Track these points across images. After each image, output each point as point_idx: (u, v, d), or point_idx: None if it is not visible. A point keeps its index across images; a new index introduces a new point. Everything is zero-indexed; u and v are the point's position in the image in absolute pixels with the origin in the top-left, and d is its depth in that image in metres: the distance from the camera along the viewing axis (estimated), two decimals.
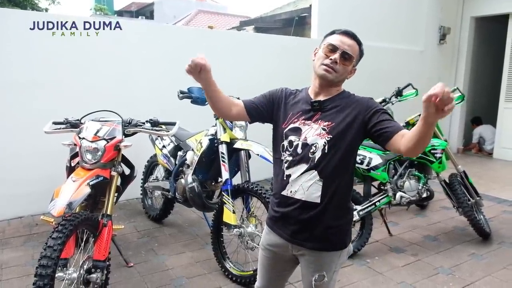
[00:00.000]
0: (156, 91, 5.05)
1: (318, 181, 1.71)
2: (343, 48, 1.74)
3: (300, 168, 1.73)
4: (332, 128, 1.71)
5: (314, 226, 1.75)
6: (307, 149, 1.72)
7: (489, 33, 8.63)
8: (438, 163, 3.90)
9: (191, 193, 3.43)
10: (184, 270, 3.37)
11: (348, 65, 1.76)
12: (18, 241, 3.83)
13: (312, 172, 1.71)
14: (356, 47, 1.78)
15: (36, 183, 4.29)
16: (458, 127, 8.68)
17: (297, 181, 1.74)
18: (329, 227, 1.76)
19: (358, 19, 6.68)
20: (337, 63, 1.73)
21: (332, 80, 1.75)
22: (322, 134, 1.71)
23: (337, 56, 1.73)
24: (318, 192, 1.72)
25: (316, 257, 1.79)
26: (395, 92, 4.95)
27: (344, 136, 1.71)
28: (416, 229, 4.33)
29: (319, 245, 1.77)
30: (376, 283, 3.22)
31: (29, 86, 4.36)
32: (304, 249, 1.80)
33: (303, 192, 1.73)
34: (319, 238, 1.76)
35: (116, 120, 3.05)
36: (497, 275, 3.37)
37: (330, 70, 1.73)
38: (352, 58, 1.76)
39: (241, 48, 5.76)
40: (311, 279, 1.80)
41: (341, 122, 1.72)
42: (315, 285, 1.80)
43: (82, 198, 2.54)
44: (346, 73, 1.78)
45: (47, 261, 2.21)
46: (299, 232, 1.78)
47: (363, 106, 1.73)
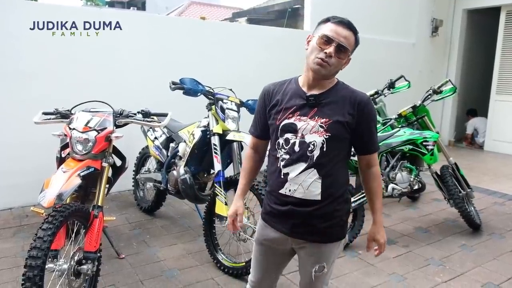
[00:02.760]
0: (148, 82, 5.00)
1: (317, 179, 1.69)
2: (339, 41, 1.65)
3: (298, 166, 1.70)
4: (330, 126, 1.66)
5: (315, 220, 1.74)
6: (305, 147, 1.68)
7: (481, 25, 8.67)
8: (430, 155, 3.92)
9: (183, 184, 3.42)
10: (176, 261, 3.36)
11: (343, 58, 1.69)
12: (8, 233, 3.80)
13: (311, 170, 1.68)
14: (352, 37, 1.70)
15: (26, 174, 4.25)
16: (450, 119, 8.73)
17: (295, 179, 1.70)
18: (329, 220, 1.75)
19: (350, 11, 6.53)
20: (332, 57, 1.65)
21: (326, 74, 1.69)
22: (320, 132, 1.67)
23: (332, 50, 1.64)
24: (318, 190, 1.69)
25: (317, 249, 1.79)
26: (388, 84, 4.97)
27: (341, 133, 1.69)
28: (407, 221, 4.36)
29: (320, 237, 1.77)
30: (368, 274, 3.23)
31: (18, 76, 4.30)
32: (305, 242, 1.79)
33: (303, 190, 1.70)
34: (320, 231, 1.75)
35: (107, 111, 3.01)
36: (487, 265, 3.40)
37: (324, 64, 1.65)
38: (348, 50, 1.68)
39: (233, 40, 5.72)
40: (311, 270, 1.80)
41: (339, 118, 1.68)
42: (315, 276, 1.81)
43: (73, 189, 2.52)
44: (340, 65, 1.71)
45: (37, 252, 2.19)
46: (300, 226, 1.76)
47: (359, 106, 1.70)
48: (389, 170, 3.91)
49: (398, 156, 3.99)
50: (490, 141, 8.22)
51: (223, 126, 3.33)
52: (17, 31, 4.25)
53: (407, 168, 4.01)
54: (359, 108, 1.69)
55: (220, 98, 3.41)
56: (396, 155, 3.99)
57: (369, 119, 1.74)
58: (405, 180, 3.93)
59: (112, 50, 4.81)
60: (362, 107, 1.70)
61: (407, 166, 4.01)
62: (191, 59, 5.27)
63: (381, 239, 1.84)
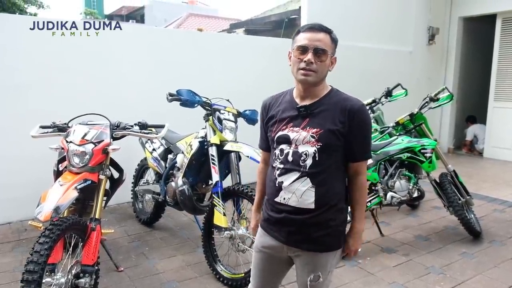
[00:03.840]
0: (145, 93, 5.02)
1: (311, 188, 1.70)
2: (314, 45, 1.67)
3: (291, 175, 1.72)
4: (321, 135, 1.68)
5: (309, 229, 1.74)
6: (298, 157, 1.71)
7: (477, 33, 8.70)
8: (428, 162, 3.92)
9: (182, 196, 3.41)
10: (175, 273, 3.34)
11: (325, 60, 1.69)
12: (6, 247, 3.78)
13: (304, 179, 1.70)
14: (326, 38, 1.70)
15: (24, 188, 4.23)
16: (449, 127, 8.72)
17: (289, 188, 1.73)
18: (324, 229, 1.75)
19: (347, 21, 6.71)
20: (313, 63, 1.67)
21: (314, 81, 1.71)
22: (311, 142, 1.69)
23: (310, 56, 1.67)
24: (311, 198, 1.71)
25: (311, 258, 1.79)
26: (385, 93, 4.98)
27: (333, 142, 1.70)
28: (407, 229, 4.34)
29: (315, 246, 1.77)
30: (368, 283, 3.21)
31: (15, 88, 4.31)
32: (300, 250, 1.79)
33: (296, 199, 1.72)
34: (314, 240, 1.75)
35: (104, 123, 3.02)
36: (488, 273, 3.38)
37: (308, 73, 1.68)
38: (326, 51, 1.69)
39: (231, 50, 5.74)
40: (307, 279, 1.80)
41: (330, 127, 1.69)
42: (311, 286, 1.80)
43: (69, 202, 2.51)
44: (326, 68, 1.72)
45: (33, 266, 2.18)
46: (295, 234, 1.77)
47: (350, 113, 1.70)
48: (387, 178, 3.91)
49: (396, 164, 3.99)
50: (489, 148, 8.20)
51: (221, 137, 3.33)
52: (11, 43, 4.28)
53: (405, 176, 4.00)
54: (350, 115, 1.70)
55: (217, 108, 3.42)
56: (395, 163, 3.98)
57: (360, 127, 1.73)
58: (404, 188, 3.92)
59: (110, 62, 4.83)
60: (352, 114, 1.70)
61: (406, 174, 4.01)
62: (189, 70, 5.29)
63: (353, 246, 1.85)
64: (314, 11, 6.58)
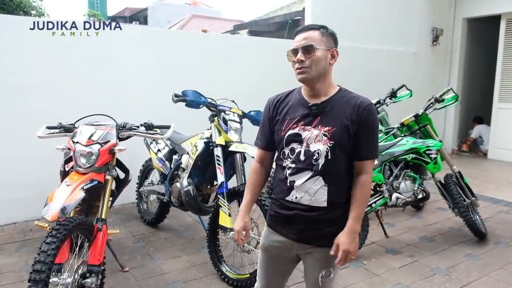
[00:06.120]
0: (150, 94, 5.03)
1: (323, 186, 1.72)
2: (300, 45, 1.73)
3: (304, 175, 1.73)
4: (333, 134, 1.70)
5: (322, 224, 1.76)
6: (310, 156, 1.72)
7: (481, 34, 8.68)
8: (433, 163, 3.91)
9: (187, 196, 3.41)
10: (180, 274, 3.35)
11: (314, 53, 1.71)
12: (12, 247, 3.80)
13: (317, 178, 1.72)
14: (314, 34, 1.74)
15: (30, 188, 4.25)
16: (453, 128, 8.70)
17: (302, 187, 1.74)
18: (337, 224, 1.76)
19: (351, 22, 6.71)
20: (303, 60, 1.71)
21: (312, 77, 1.73)
22: (324, 140, 1.70)
23: (299, 56, 1.72)
24: (324, 197, 1.73)
25: (323, 254, 1.80)
26: (389, 94, 4.97)
27: (344, 140, 1.71)
28: (412, 230, 4.33)
29: (327, 241, 1.77)
30: (373, 284, 3.21)
31: (21, 89, 4.33)
32: (312, 247, 1.80)
33: (309, 198, 1.73)
34: (327, 235, 1.76)
35: (110, 124, 3.03)
36: (494, 275, 3.37)
37: (302, 70, 1.73)
38: (313, 45, 1.71)
39: (235, 52, 5.75)
40: (318, 275, 1.81)
41: (341, 126, 1.70)
42: (322, 282, 1.81)
43: (76, 203, 2.52)
44: (321, 61, 1.73)
45: (41, 266, 2.19)
46: (306, 231, 1.78)
47: (359, 110, 1.71)
48: (392, 179, 3.90)
49: (401, 165, 3.98)
50: (494, 149, 8.18)
51: (226, 138, 3.34)
52: (14, 44, 4.30)
53: (410, 177, 3.99)
54: (359, 114, 1.72)
55: (222, 109, 3.42)
56: (400, 164, 3.97)
57: (368, 125, 1.74)
58: (409, 189, 3.91)
59: (114, 63, 4.85)
60: (362, 111, 1.72)
61: (411, 175, 4.00)
62: (194, 71, 5.30)
63: (343, 245, 1.71)
64: (317, 12, 6.58)
